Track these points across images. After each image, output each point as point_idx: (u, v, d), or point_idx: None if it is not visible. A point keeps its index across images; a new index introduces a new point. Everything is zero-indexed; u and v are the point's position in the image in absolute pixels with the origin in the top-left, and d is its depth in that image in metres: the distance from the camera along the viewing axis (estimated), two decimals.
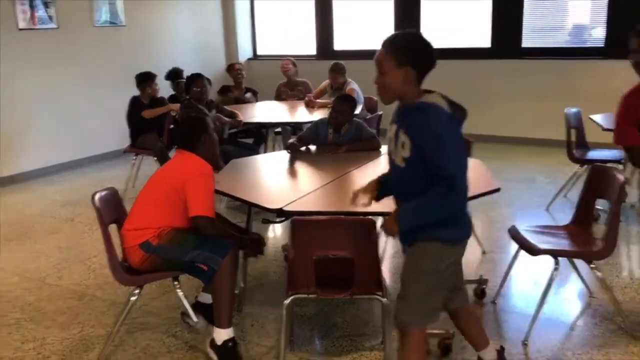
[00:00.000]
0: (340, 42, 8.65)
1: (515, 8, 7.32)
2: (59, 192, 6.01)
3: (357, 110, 5.05)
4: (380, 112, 5.51)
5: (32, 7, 6.41)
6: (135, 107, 5.68)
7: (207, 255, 2.79)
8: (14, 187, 6.19)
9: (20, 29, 6.29)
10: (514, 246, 3.29)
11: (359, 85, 5.93)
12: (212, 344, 2.83)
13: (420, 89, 2.15)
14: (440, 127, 2.07)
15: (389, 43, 2.13)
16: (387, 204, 2.39)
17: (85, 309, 3.46)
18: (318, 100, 6.10)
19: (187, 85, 5.26)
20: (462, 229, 2.27)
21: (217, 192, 3.05)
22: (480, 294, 3.45)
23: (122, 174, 5.99)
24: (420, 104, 2.13)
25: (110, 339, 2.97)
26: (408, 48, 2.11)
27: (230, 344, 2.80)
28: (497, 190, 2.99)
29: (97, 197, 2.84)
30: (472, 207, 2.53)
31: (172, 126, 5.85)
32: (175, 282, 2.96)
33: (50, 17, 6.63)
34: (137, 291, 2.87)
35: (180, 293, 2.95)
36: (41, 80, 6.55)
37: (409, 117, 2.14)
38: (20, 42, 6.30)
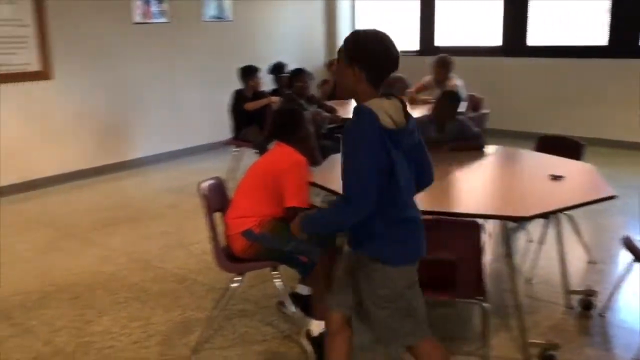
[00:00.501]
0: (442, 39, 8.49)
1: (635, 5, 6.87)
2: (165, 180, 6.29)
3: (462, 108, 4.91)
4: (485, 111, 5.32)
5: (147, 2, 6.75)
6: (238, 100, 5.83)
7: (307, 247, 2.81)
8: (129, 172, 6.56)
9: (135, 23, 6.64)
10: (625, 257, 3.08)
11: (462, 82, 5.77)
12: (308, 335, 2.85)
13: (374, 91, 2.01)
14: (359, 133, 1.94)
15: (345, 40, 2.03)
16: (493, 206, 2.30)
17: (186, 292, 3.60)
18: (421, 97, 5.98)
19: (290, 79, 5.34)
20: (404, 248, 2.07)
21: (314, 184, 3.06)
22: (587, 305, 3.25)
23: (224, 165, 6.16)
24: (359, 106, 1.98)
25: (210, 323, 3.07)
26: (358, 48, 1.99)
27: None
28: (612, 197, 2.80)
29: (203, 185, 2.94)
30: (580, 213, 2.38)
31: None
32: (274, 272, 3.00)
33: (162, 12, 6.95)
34: (238, 278, 2.94)
35: (278, 283, 2.99)
36: (153, 72, 6.89)
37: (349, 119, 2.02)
38: (135, 35, 6.65)
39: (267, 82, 6.40)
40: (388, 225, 2.04)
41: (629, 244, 3.00)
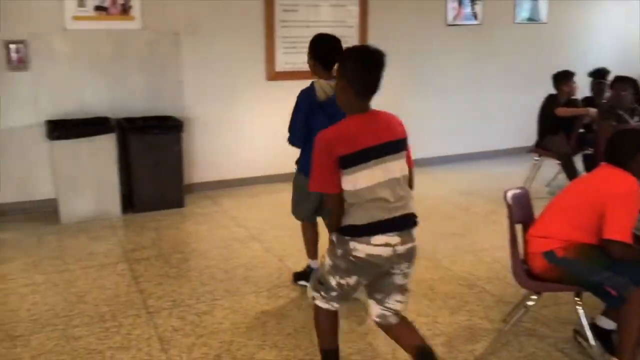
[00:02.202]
0: None
1: None
2: (458, 181, 6.31)
3: None
4: None
5: (460, 4, 6.80)
6: (550, 105, 5.53)
7: (619, 281, 2.53)
8: (421, 170, 6.69)
9: (448, 25, 6.76)
10: None
11: None
12: None
13: (327, 75, 3.20)
14: (298, 98, 3.32)
15: None
16: None
17: (474, 299, 3.55)
18: None
19: (612, 87, 4.85)
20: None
21: None
22: None
23: (519, 173, 5.93)
24: None
25: (498, 336, 2.98)
26: (311, 44, 3.33)
27: None
28: None
29: (509, 194, 2.85)
30: None
31: (581, 130, 5.52)
32: (577, 298, 2.77)
33: (474, 14, 6.93)
34: (534, 297, 2.79)
35: (580, 311, 2.76)
36: (460, 72, 6.95)
37: None
38: (446, 37, 6.77)
39: (583, 88, 5.94)
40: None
41: None
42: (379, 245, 2.32)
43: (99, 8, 5.15)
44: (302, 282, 3.64)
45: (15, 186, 5.13)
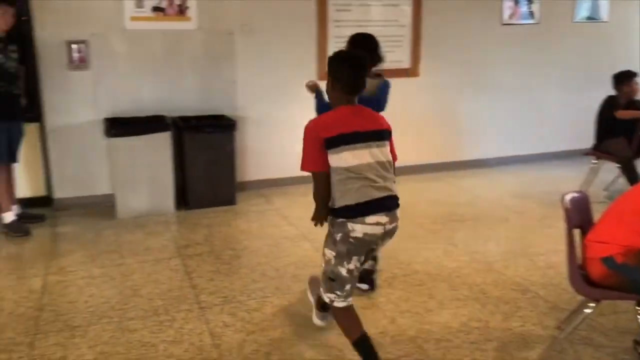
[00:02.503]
0: None
1: None
2: (512, 183, 6.17)
3: None
4: None
5: (517, 2, 6.65)
6: (609, 106, 5.35)
7: None
8: (474, 171, 6.64)
9: (503, 24, 6.62)
10: None
11: None
12: None
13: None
14: None
15: None
16: None
17: (527, 304, 3.46)
18: None
19: None
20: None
21: None
22: None
23: (576, 176, 5.76)
24: None
25: (553, 344, 2.90)
26: (351, 44, 3.46)
27: None
28: None
29: (567, 198, 2.77)
30: None
31: None
32: (638, 307, 2.67)
33: (531, 13, 6.77)
34: (592, 304, 2.70)
35: None
36: (515, 73, 6.79)
37: None
38: (501, 36, 6.64)
39: None
40: None
41: None
42: (372, 225, 2.56)
43: (156, 9, 5.28)
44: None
45: (76, 182, 5.32)
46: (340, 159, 2.55)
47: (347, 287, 2.66)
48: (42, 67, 5.08)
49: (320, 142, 2.56)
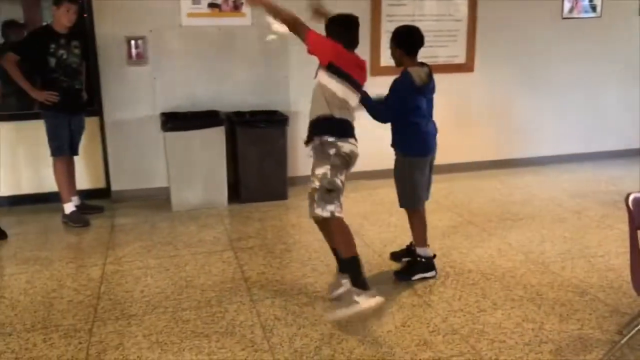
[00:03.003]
0: None
1: None
2: (570, 182, 5.99)
3: None
4: None
5: None
6: None
7: None
8: (531, 169, 6.48)
9: (564, 18, 6.42)
10: None
11: None
12: None
13: (412, 62, 3.55)
14: (395, 84, 3.60)
15: None
16: None
17: (585, 307, 3.35)
18: None
19: None
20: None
21: None
22: None
23: (637, 176, 5.55)
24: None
25: (613, 349, 2.80)
26: (397, 36, 3.59)
27: None
28: None
29: (632, 198, 2.65)
30: None
31: None
32: None
33: (593, 7, 6.54)
34: None
35: None
36: (575, 68, 6.59)
37: None
38: (561, 30, 6.44)
39: None
40: None
41: None
42: (354, 145, 3.21)
43: (212, 5, 5.36)
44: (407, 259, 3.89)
45: (133, 174, 5.47)
46: (339, 88, 3.14)
47: (342, 198, 3.20)
48: (102, 63, 5.24)
49: (336, 58, 3.16)
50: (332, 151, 3.13)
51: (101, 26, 5.18)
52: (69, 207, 4.86)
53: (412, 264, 3.78)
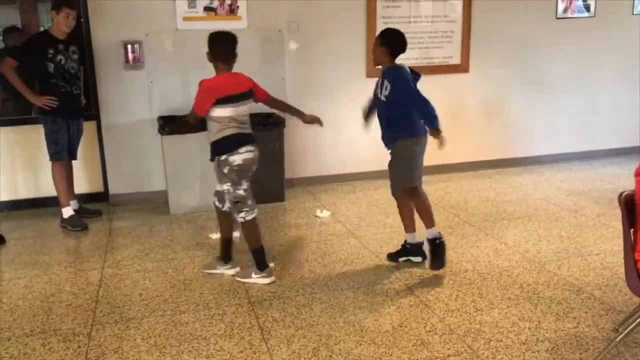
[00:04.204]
0: None
1: None
2: (566, 181, 6.02)
3: None
4: None
5: None
6: None
7: None
8: (526, 168, 6.51)
9: (558, 18, 6.45)
10: None
11: None
12: None
13: (391, 61, 3.80)
14: (401, 72, 3.76)
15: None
16: None
17: (581, 305, 3.38)
18: None
19: None
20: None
21: None
22: None
23: (631, 173, 5.56)
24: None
25: (609, 346, 2.82)
26: (384, 37, 3.77)
27: None
28: None
29: (625, 195, 2.68)
30: None
31: None
32: None
33: (586, 6, 6.57)
34: None
35: None
36: (569, 68, 6.62)
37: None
38: (555, 30, 6.47)
39: None
40: None
41: None
42: (245, 153, 3.58)
43: (207, 9, 5.38)
44: (405, 258, 4.04)
45: (131, 178, 5.49)
46: (222, 110, 3.54)
47: (250, 202, 3.68)
48: (98, 67, 5.26)
49: (212, 100, 3.53)
50: (225, 169, 3.59)
51: (97, 31, 5.20)
52: (68, 211, 4.88)
53: (436, 250, 3.87)
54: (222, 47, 3.60)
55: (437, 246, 3.87)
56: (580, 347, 2.94)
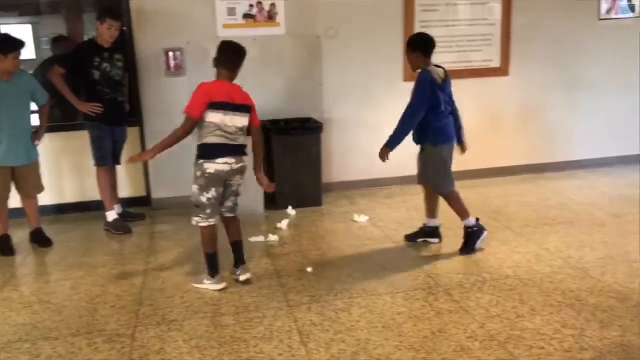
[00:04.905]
0: None
1: None
2: (609, 186, 5.88)
3: None
4: None
5: None
6: None
7: None
8: (567, 173, 6.39)
9: (601, 19, 6.33)
10: None
11: None
12: None
13: (427, 63, 4.06)
14: (423, 77, 4.02)
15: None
16: None
17: (627, 313, 3.29)
18: None
19: None
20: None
21: None
22: None
23: None
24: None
25: None
26: (415, 41, 4.13)
27: None
28: None
29: None
30: None
31: None
32: None
33: (631, 7, 6.43)
34: None
35: None
36: (613, 70, 6.47)
37: None
38: (598, 32, 6.35)
39: None
40: None
41: None
42: (221, 164, 3.58)
43: (247, 16, 5.46)
44: (423, 239, 4.44)
45: (172, 183, 5.59)
46: (213, 116, 3.55)
47: (208, 211, 3.67)
48: (142, 75, 5.39)
49: (207, 102, 3.55)
50: (198, 173, 3.62)
51: (141, 39, 5.33)
52: (112, 215, 5.00)
53: (468, 238, 4.23)
54: (230, 55, 3.64)
55: (470, 234, 4.22)
56: (626, 357, 2.87)
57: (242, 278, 3.84)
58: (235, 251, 3.91)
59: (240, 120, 3.66)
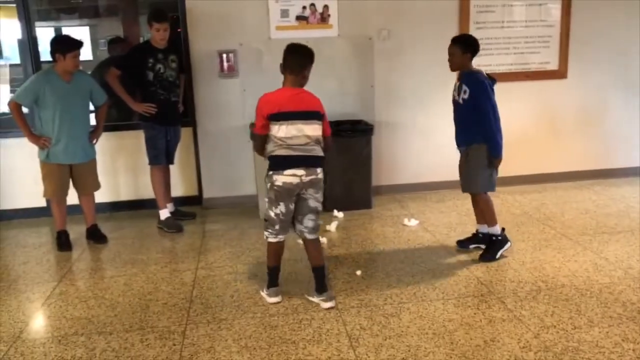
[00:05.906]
0: None
1: None
2: None
3: None
4: None
5: None
6: None
7: None
8: (627, 179, 6.16)
9: None
10: None
11: None
12: None
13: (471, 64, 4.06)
14: (483, 82, 4.00)
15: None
16: None
17: None
18: None
19: None
20: None
21: None
22: None
23: None
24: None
25: None
26: (464, 42, 4.09)
27: None
28: None
29: None
30: None
31: None
32: None
33: None
34: None
35: None
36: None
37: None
38: None
39: None
40: None
41: None
42: (289, 175, 3.36)
43: (299, 18, 5.47)
44: (474, 245, 4.35)
45: (224, 182, 5.67)
46: (277, 129, 3.37)
47: (277, 227, 3.50)
48: (195, 76, 5.47)
49: (265, 116, 3.42)
50: (268, 185, 3.47)
51: (195, 41, 5.41)
52: (164, 214, 5.09)
53: (491, 245, 4.19)
54: (295, 59, 3.44)
55: (493, 242, 4.18)
56: None
57: (325, 306, 3.52)
58: (316, 277, 3.59)
59: (310, 129, 3.38)
